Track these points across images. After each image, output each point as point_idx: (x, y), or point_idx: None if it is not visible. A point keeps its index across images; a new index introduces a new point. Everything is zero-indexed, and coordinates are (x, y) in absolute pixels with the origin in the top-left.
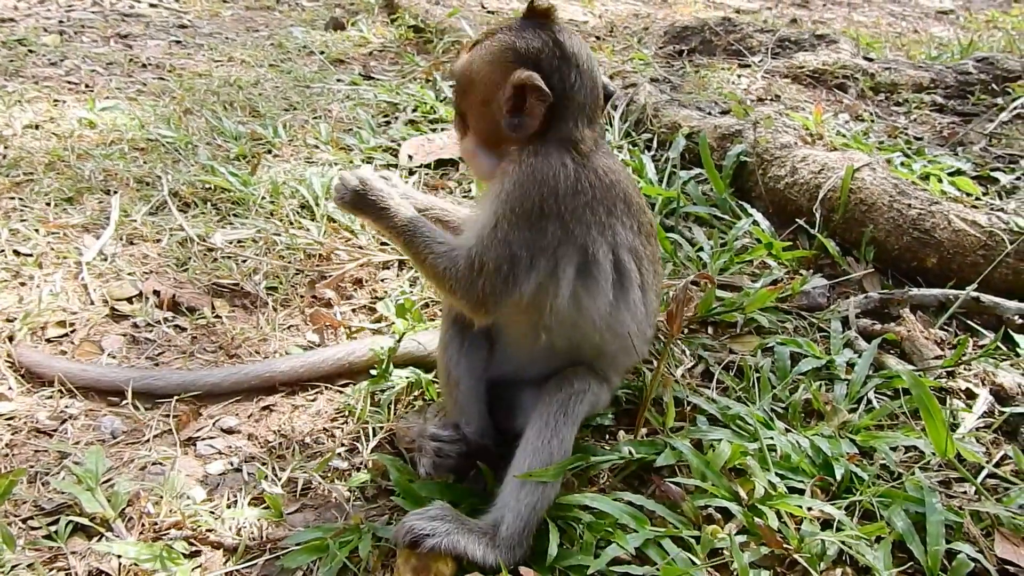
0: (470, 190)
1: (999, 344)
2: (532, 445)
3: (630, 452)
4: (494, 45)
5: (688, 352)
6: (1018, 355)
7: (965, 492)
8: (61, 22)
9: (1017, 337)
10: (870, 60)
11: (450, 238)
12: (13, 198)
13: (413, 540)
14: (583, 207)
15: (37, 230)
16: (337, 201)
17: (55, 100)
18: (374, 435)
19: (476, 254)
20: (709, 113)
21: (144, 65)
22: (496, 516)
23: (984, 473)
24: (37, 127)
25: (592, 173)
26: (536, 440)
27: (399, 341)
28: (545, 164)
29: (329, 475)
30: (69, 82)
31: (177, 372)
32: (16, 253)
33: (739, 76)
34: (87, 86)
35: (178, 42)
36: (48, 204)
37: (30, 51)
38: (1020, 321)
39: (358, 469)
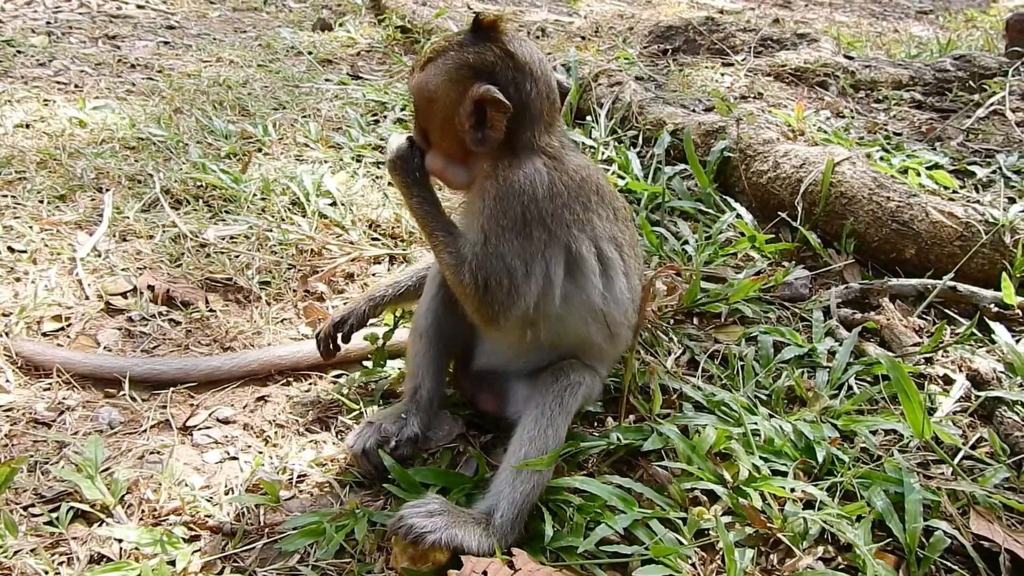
0: None
1: (975, 331)
2: (528, 434)
3: (618, 438)
4: (448, 63)
5: (675, 341)
6: (993, 342)
7: (942, 473)
8: (49, 23)
9: (992, 324)
10: (851, 58)
11: (459, 246)
12: (6, 196)
13: (415, 538)
14: (561, 208)
15: (31, 227)
16: (387, 163)
17: (45, 100)
18: None
19: (476, 270)
20: (693, 110)
21: (133, 65)
22: (491, 503)
23: (961, 454)
24: (28, 126)
25: (564, 174)
26: (533, 429)
27: (392, 331)
28: (520, 174)
29: (325, 462)
30: (58, 82)
31: (168, 360)
32: (10, 250)
33: (722, 74)
34: (76, 86)
35: (166, 43)
36: (41, 202)
37: (18, 52)
38: (995, 309)
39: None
